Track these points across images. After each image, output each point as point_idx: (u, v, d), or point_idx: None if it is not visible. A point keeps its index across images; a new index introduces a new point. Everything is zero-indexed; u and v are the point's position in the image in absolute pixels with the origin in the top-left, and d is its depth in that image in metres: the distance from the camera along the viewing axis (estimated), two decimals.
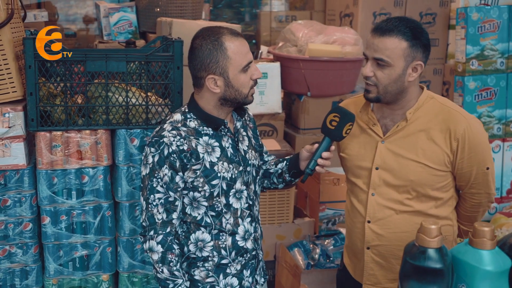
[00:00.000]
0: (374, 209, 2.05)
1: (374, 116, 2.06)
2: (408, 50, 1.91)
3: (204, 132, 1.94)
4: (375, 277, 2.12)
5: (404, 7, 3.77)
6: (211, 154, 1.92)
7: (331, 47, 3.26)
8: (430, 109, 2.01)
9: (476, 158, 1.98)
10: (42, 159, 2.30)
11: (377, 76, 1.93)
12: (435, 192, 2.00)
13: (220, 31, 1.89)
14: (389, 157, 2.02)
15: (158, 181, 1.89)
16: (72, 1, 4.33)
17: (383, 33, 1.91)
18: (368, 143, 2.06)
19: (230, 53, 1.86)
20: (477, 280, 1.32)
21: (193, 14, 3.55)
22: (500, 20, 3.73)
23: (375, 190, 2.05)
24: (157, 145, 1.89)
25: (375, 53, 1.92)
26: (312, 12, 4.20)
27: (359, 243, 2.12)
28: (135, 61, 2.33)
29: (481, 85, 3.77)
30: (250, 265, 2.05)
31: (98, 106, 2.31)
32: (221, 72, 1.87)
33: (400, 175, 2.00)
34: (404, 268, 1.37)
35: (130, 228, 2.41)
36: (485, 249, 1.33)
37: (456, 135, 1.95)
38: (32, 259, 2.38)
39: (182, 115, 1.97)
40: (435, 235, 1.33)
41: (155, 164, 1.88)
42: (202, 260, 1.98)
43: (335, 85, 3.37)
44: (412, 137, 1.99)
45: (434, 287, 1.33)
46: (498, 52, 3.77)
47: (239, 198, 1.97)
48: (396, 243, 2.03)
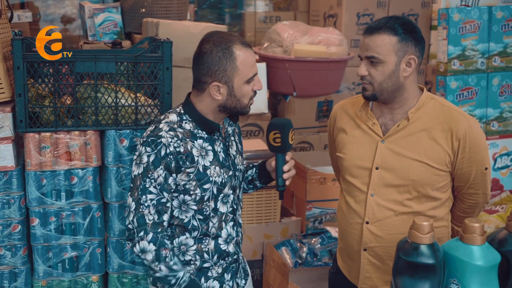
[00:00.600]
0: (373, 210, 2.03)
1: (373, 115, 2.07)
2: (398, 45, 1.93)
3: (199, 135, 1.93)
4: (371, 280, 2.10)
5: (387, 8, 3.82)
6: (204, 158, 1.91)
7: (316, 47, 3.29)
8: (431, 110, 2.02)
9: (475, 158, 2.00)
10: (31, 160, 2.29)
11: (371, 74, 1.96)
12: (435, 193, 2.01)
13: (231, 39, 1.87)
14: (390, 156, 2.01)
15: (151, 181, 1.84)
16: (53, 1, 4.30)
17: (372, 31, 1.95)
18: (368, 143, 2.06)
19: (239, 64, 1.85)
20: (468, 275, 1.36)
21: (178, 15, 3.56)
22: (480, 21, 3.80)
23: (375, 190, 2.03)
24: (153, 144, 1.85)
25: (366, 52, 1.95)
26: (296, 12, 4.23)
27: (356, 244, 2.09)
28: (124, 62, 2.33)
29: (462, 84, 3.84)
30: (231, 269, 2.06)
31: (87, 107, 2.31)
32: (226, 81, 1.86)
33: (402, 174, 1.99)
34: (397, 264, 1.40)
35: (120, 228, 2.41)
36: (475, 245, 1.36)
37: (457, 135, 1.97)
38: (21, 261, 2.37)
39: (178, 116, 1.94)
40: (427, 232, 1.36)
41: (149, 164, 1.84)
42: (184, 264, 1.97)
43: (320, 85, 3.41)
44: (413, 137, 2.00)
45: (426, 282, 1.36)
46: (478, 52, 3.84)
47: (226, 202, 1.98)
48: (394, 244, 1.97)
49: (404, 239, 1.41)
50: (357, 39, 3.76)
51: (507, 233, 1.44)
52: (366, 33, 1.97)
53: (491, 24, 3.83)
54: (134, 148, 2.36)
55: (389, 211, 2.02)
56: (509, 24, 3.85)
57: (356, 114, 2.11)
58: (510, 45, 3.88)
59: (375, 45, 1.94)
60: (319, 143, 3.51)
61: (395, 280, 1.40)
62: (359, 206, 2.06)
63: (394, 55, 1.94)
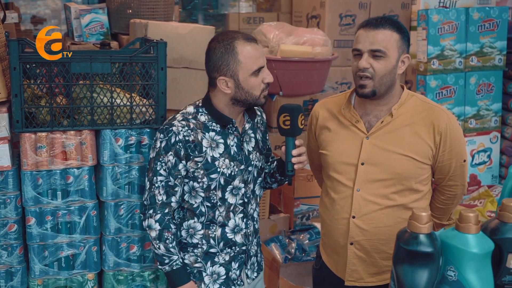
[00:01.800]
0: (359, 205, 2.10)
1: (357, 113, 2.14)
2: (400, 42, 2.04)
3: (211, 128, 2.06)
4: (357, 273, 2.17)
5: (369, 9, 3.92)
6: (214, 149, 2.03)
7: (302, 48, 3.37)
8: (413, 106, 2.11)
9: (455, 151, 2.10)
10: (27, 160, 2.31)
11: (374, 67, 2.01)
12: (418, 185, 2.10)
13: (234, 36, 1.99)
14: (375, 152, 2.08)
15: (162, 165, 2.04)
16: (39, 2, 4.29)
17: (377, 26, 2.01)
18: (352, 140, 2.13)
19: (241, 57, 1.96)
20: (464, 262, 1.44)
21: (165, 16, 3.59)
22: (458, 21, 3.93)
23: (361, 185, 2.09)
24: (166, 132, 2.03)
25: (371, 46, 2.01)
26: (279, 13, 4.30)
27: (342, 239, 2.16)
28: (120, 62, 2.37)
29: (441, 83, 3.96)
30: (239, 259, 2.14)
31: (83, 107, 2.34)
32: (232, 75, 1.98)
33: (387, 169, 2.07)
34: (398, 253, 1.47)
35: (115, 227, 2.44)
36: (471, 233, 1.44)
37: (439, 129, 2.06)
38: (17, 260, 2.38)
39: (195, 108, 2.10)
40: (425, 222, 1.44)
41: (161, 149, 2.03)
42: (192, 246, 2.12)
43: (306, 85, 3.48)
44: (397, 132, 2.08)
45: (425, 270, 1.44)
46: (456, 52, 3.97)
47: (236, 194, 2.07)
48: (379, 237, 2.10)
49: (404, 229, 1.48)
50: (340, 40, 3.85)
51: (498, 222, 1.52)
52: (369, 27, 2.03)
53: (468, 24, 3.96)
54: (129, 147, 2.40)
55: (375, 205, 2.09)
56: (485, 25, 3.99)
57: (340, 112, 2.18)
58: (486, 45, 4.02)
59: (381, 39, 2.00)
60: (304, 141, 3.58)
61: (395, 268, 1.48)
62: (345, 202, 2.13)
63: (397, 51, 2.03)
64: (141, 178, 2.43)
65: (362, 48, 2.03)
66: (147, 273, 2.52)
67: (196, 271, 2.13)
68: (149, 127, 2.41)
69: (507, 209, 1.51)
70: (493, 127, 4.17)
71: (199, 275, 2.14)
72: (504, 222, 1.51)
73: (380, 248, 2.12)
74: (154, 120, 2.42)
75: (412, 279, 1.44)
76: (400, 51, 2.04)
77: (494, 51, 4.03)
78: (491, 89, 4.11)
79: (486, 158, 4.20)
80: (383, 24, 2.01)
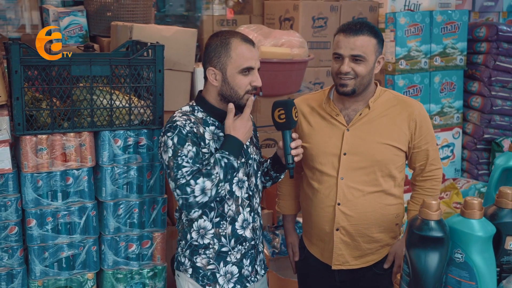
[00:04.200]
0: (344, 192, 2.27)
1: (337, 107, 2.31)
2: (377, 46, 2.22)
3: (211, 122, 2.12)
4: (343, 257, 2.34)
5: (339, 12, 4.08)
6: (216, 142, 2.09)
7: (281, 49, 3.48)
8: (386, 99, 2.31)
9: (428, 136, 2.31)
10: (28, 162, 2.33)
11: (356, 70, 2.19)
12: (395, 172, 2.29)
13: (233, 34, 2.09)
14: (356, 142, 2.26)
15: (182, 158, 2.00)
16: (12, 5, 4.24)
17: (356, 32, 2.18)
18: (333, 132, 2.30)
19: (233, 53, 2.05)
20: (470, 245, 1.59)
21: (143, 18, 3.63)
22: (423, 24, 4.15)
23: (344, 174, 2.26)
24: (172, 129, 2.03)
25: (352, 51, 2.18)
26: (251, 16, 4.41)
27: (328, 226, 2.32)
28: (118, 65, 2.42)
29: (408, 82, 4.17)
30: (250, 255, 2.21)
31: (83, 109, 2.38)
32: (221, 68, 2.06)
33: (368, 157, 2.25)
34: (411, 238, 1.61)
35: (114, 226, 2.49)
36: (475, 219, 1.59)
37: (413, 116, 2.27)
38: (17, 262, 2.40)
39: (190, 107, 2.15)
40: (435, 209, 1.58)
41: (176, 144, 2.01)
42: (203, 247, 2.13)
43: (284, 85, 3.59)
44: (375, 122, 2.27)
45: (436, 253, 1.58)
46: (422, 53, 4.18)
47: (241, 187, 2.14)
48: (363, 221, 2.29)
49: (416, 217, 1.62)
50: (313, 41, 3.99)
51: (496, 208, 1.68)
52: (349, 34, 2.19)
53: (432, 27, 4.19)
54: (128, 147, 2.46)
55: (358, 191, 2.27)
56: (447, 27, 4.23)
57: (320, 106, 2.35)
58: (449, 46, 4.25)
59: (361, 45, 2.18)
60: None
61: (408, 253, 1.61)
62: (330, 190, 2.30)
63: (374, 54, 2.22)
64: (139, 177, 2.49)
65: (343, 53, 2.20)
66: (145, 271, 2.58)
67: (210, 274, 2.14)
68: (147, 128, 2.47)
69: (504, 196, 1.67)
70: (456, 123, 4.42)
71: (213, 277, 2.15)
72: (501, 208, 1.67)
73: (363, 232, 2.30)
74: (152, 121, 2.48)
75: (425, 262, 1.58)
76: (377, 54, 2.24)
77: (456, 51, 4.28)
78: (453, 88, 4.35)
79: (450, 153, 4.45)
80: (362, 30, 2.18)
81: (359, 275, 2.37)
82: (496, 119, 4.35)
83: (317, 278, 2.44)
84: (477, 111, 4.40)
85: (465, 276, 1.60)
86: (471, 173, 4.49)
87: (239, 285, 2.18)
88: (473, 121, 4.43)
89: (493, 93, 4.32)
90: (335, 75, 2.25)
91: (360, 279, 2.38)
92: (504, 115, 4.37)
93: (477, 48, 4.36)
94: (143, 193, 2.52)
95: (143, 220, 2.54)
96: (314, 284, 2.48)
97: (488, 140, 4.43)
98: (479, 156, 4.45)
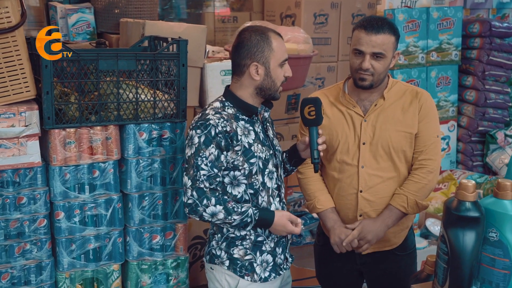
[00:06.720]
0: (365, 180, 2.38)
1: (353, 99, 2.42)
2: (395, 43, 2.34)
3: (241, 117, 2.18)
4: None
5: (339, 8, 4.17)
6: (247, 136, 2.16)
7: (288, 45, 3.55)
8: (398, 89, 2.43)
9: (432, 123, 2.40)
10: (57, 156, 2.36)
11: (375, 67, 2.30)
12: (408, 156, 2.40)
13: (266, 29, 2.17)
14: (374, 131, 2.38)
15: (202, 159, 2.08)
16: None
17: (378, 31, 2.28)
18: (351, 123, 2.40)
19: (274, 47, 2.13)
20: (504, 224, 1.68)
21: (150, 15, 3.67)
22: (420, 20, 4.27)
23: (364, 163, 2.38)
24: (203, 127, 2.09)
25: (373, 49, 2.28)
26: (251, 13, 4.47)
27: (351, 213, 2.42)
28: (144, 59, 2.47)
29: (407, 77, 4.29)
30: (282, 243, 2.29)
31: (110, 102, 2.43)
32: (264, 62, 2.13)
33: (386, 144, 2.37)
34: (449, 219, 1.70)
35: (139, 218, 2.54)
36: (508, 199, 1.70)
37: (421, 100, 2.39)
38: (46, 254, 2.43)
39: (220, 103, 2.20)
40: (472, 191, 1.68)
41: (201, 144, 2.09)
42: (240, 238, 2.20)
43: (290, 80, 3.61)
44: (389, 111, 2.39)
45: (473, 232, 1.67)
46: (419, 49, 4.30)
47: (271, 178, 2.21)
48: (382, 207, 2.40)
49: (452, 198, 1.71)
50: (314, 37, 4.07)
51: None
52: (370, 31, 2.28)
53: (429, 23, 4.31)
54: (152, 140, 2.51)
55: (378, 178, 2.39)
56: (443, 23, 4.36)
57: (337, 99, 2.45)
58: (444, 41, 4.38)
59: (382, 43, 2.28)
60: (288, 134, 3.77)
61: (446, 232, 1.70)
62: (352, 179, 2.41)
63: (392, 51, 2.34)
64: (163, 170, 2.55)
65: (365, 50, 2.29)
66: (169, 261, 2.63)
67: (248, 264, 2.20)
68: (171, 121, 2.53)
69: None
70: (451, 116, 4.55)
71: (251, 267, 2.20)
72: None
73: None
74: (176, 114, 2.54)
75: (463, 241, 1.67)
76: (394, 50, 2.36)
77: (451, 47, 4.41)
78: (449, 82, 4.49)
79: (445, 146, 4.58)
80: (383, 28, 2.28)
81: (380, 258, 2.47)
82: (490, 112, 4.49)
83: (338, 263, 2.52)
84: (471, 104, 4.54)
85: (499, 253, 1.69)
86: (466, 164, 4.63)
87: (273, 273, 2.25)
88: (467, 114, 4.57)
89: (486, 87, 4.46)
90: (354, 70, 2.35)
91: (381, 261, 2.48)
92: (497, 108, 4.51)
93: (471, 43, 4.50)
94: (166, 185, 2.58)
95: (166, 212, 2.60)
96: (335, 269, 2.56)
97: (482, 133, 4.57)
98: (474, 148, 4.59)
